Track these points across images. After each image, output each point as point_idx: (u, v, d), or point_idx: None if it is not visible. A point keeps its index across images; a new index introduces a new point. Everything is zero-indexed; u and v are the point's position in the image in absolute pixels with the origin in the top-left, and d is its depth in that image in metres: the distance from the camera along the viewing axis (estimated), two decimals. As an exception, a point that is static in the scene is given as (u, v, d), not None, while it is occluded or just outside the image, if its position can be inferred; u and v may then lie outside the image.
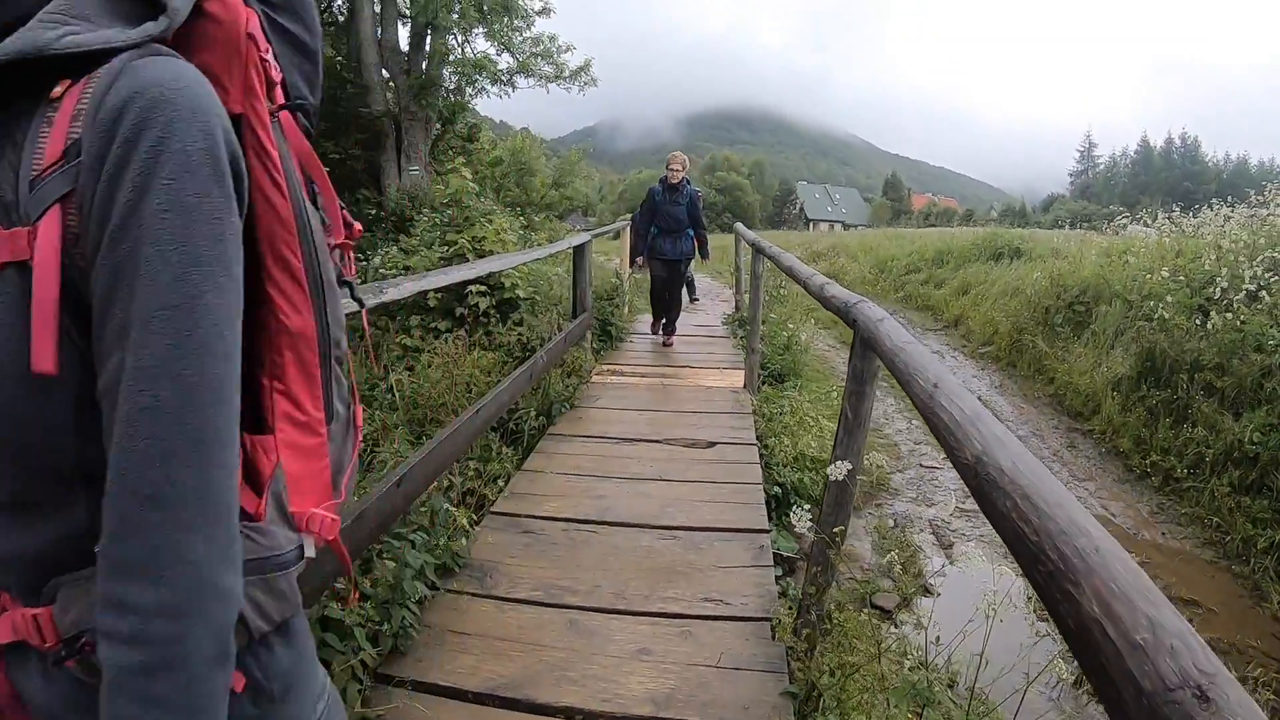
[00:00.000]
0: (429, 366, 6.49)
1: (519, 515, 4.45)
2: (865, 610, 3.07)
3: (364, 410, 4.74)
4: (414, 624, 3.11)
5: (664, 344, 9.85)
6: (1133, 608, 0.86)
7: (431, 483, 3.76)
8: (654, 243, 9.32)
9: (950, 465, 2.08)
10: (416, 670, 2.92)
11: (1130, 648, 0.82)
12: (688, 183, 9.31)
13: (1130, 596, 0.88)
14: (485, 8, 14.02)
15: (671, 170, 9.13)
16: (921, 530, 5.91)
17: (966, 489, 1.45)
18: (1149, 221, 12.86)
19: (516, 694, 2.79)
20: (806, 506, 2.80)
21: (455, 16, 13.65)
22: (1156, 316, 8.50)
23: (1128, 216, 13.85)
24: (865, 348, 2.73)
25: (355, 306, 1.42)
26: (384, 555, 3.26)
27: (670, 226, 9.20)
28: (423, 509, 3.83)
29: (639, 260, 9.56)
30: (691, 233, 9.34)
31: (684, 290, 12.41)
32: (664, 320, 9.98)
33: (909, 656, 3.00)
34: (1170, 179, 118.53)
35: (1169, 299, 8.55)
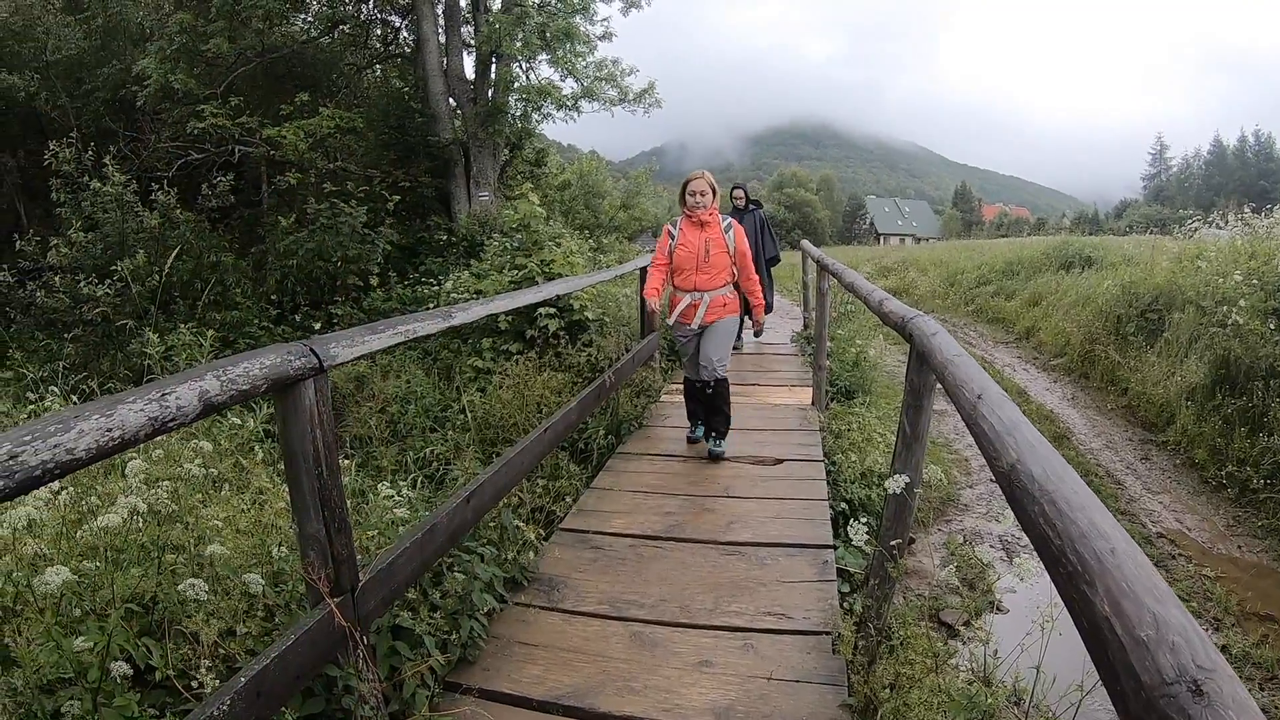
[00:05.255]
0: (500, 388, 6.63)
1: (587, 531, 4.55)
2: (924, 624, 3.07)
3: (437, 430, 4.96)
4: (482, 635, 3.22)
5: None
6: (1140, 605, 0.90)
7: (501, 499, 3.87)
8: None
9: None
10: (484, 679, 3.02)
11: (1134, 643, 0.86)
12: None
13: (1139, 595, 0.92)
14: (548, 35, 14.27)
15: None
16: (993, 546, 5.84)
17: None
18: (1221, 223, 12.45)
19: (580, 703, 2.86)
20: (865, 520, 2.83)
21: (519, 45, 13.93)
22: (1230, 322, 8.24)
23: (1199, 219, 13.39)
24: (920, 362, 2.75)
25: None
26: (454, 568, 3.36)
27: None
28: (492, 524, 3.94)
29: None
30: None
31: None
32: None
33: (970, 671, 3.00)
34: (1245, 178, 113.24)
35: (1242, 303, 8.29)
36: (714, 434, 5.91)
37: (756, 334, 5.59)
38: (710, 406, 5.89)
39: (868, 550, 2.97)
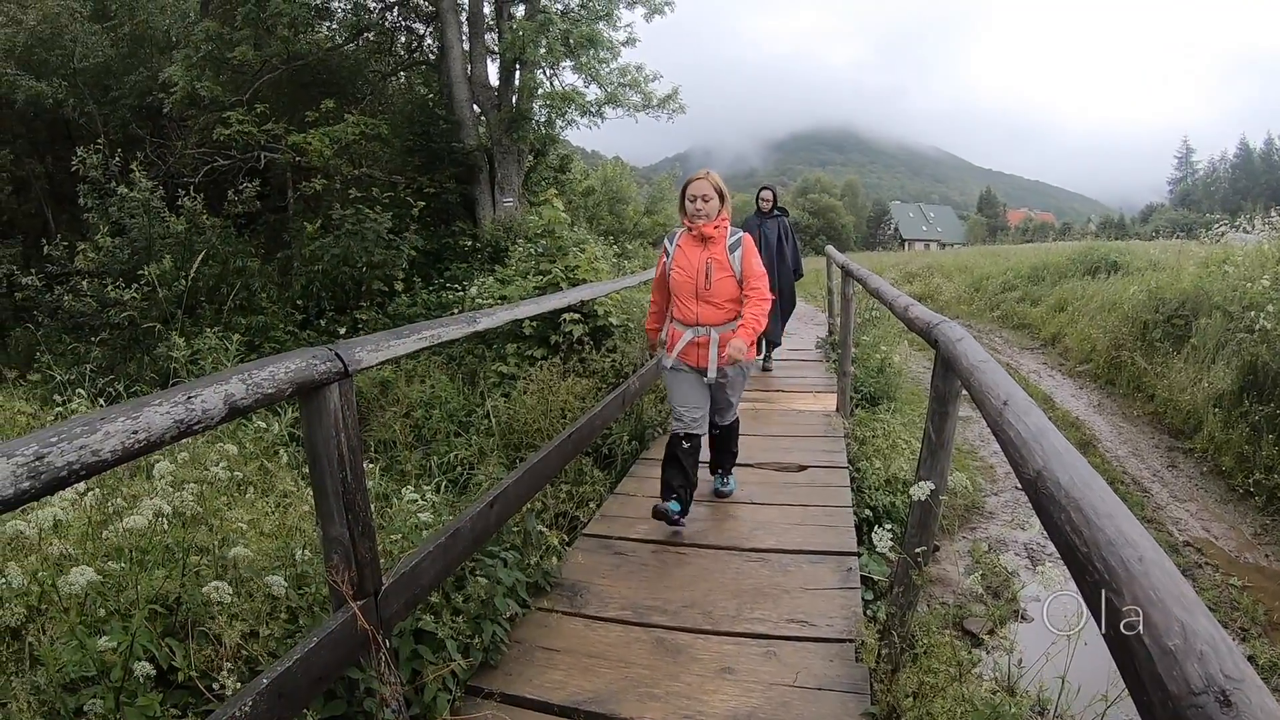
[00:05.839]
0: (524, 393, 6.64)
1: (610, 537, 4.56)
2: (948, 632, 3.05)
3: (461, 435, 5.04)
4: (504, 639, 3.23)
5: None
6: (1168, 614, 0.89)
7: (524, 504, 3.88)
8: None
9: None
10: (505, 683, 3.03)
11: (1162, 653, 0.85)
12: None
13: (1166, 603, 0.90)
14: (572, 42, 14.29)
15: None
16: (1017, 554, 5.79)
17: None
18: (1248, 228, 12.28)
19: (601, 708, 2.86)
20: (889, 527, 2.81)
21: (543, 51, 13.96)
22: (1258, 328, 8.11)
23: (1226, 223, 13.23)
24: (946, 368, 2.72)
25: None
26: (477, 573, 3.37)
27: None
28: (515, 529, 3.94)
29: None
30: None
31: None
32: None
33: (994, 680, 2.97)
34: (1272, 181, 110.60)
35: (1270, 308, 8.16)
36: (720, 470, 5.18)
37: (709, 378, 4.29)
38: (718, 447, 5.09)
39: (892, 557, 2.95)
